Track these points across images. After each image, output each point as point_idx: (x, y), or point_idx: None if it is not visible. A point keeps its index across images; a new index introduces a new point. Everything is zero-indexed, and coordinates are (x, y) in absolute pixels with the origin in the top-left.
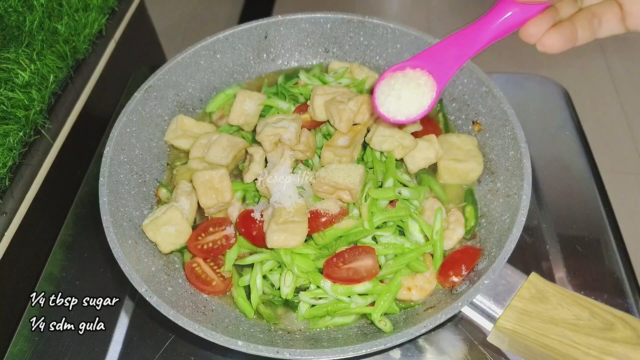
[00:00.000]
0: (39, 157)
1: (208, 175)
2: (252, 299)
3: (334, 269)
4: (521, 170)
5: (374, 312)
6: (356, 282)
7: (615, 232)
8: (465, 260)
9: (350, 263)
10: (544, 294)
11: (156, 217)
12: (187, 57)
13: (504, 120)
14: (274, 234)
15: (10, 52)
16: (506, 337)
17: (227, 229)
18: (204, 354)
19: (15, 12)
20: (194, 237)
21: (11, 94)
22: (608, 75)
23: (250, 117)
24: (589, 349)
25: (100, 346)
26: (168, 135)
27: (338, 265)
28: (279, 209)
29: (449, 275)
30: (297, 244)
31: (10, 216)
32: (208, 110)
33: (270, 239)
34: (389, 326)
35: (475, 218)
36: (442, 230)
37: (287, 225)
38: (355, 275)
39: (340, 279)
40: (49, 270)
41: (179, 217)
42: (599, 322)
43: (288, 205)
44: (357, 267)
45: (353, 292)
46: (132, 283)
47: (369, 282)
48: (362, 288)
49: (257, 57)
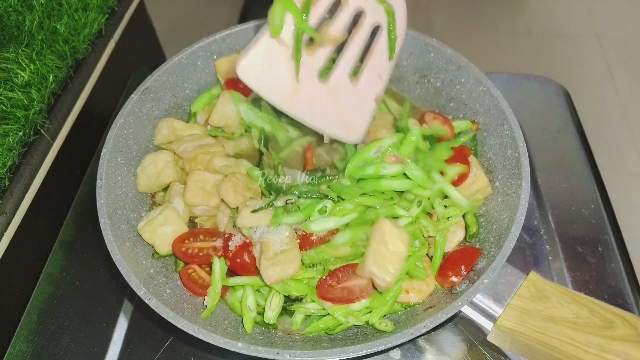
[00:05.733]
0: (38, 157)
1: (203, 176)
2: (245, 321)
3: (328, 289)
4: (519, 169)
5: (371, 319)
6: (351, 302)
7: (615, 232)
8: (464, 260)
9: (344, 282)
10: (544, 292)
11: (152, 219)
12: (183, 58)
13: (502, 119)
14: (268, 270)
15: (10, 52)
16: (506, 336)
17: (217, 241)
18: (203, 355)
19: (15, 11)
20: (181, 239)
21: (11, 93)
22: (608, 75)
23: (231, 120)
24: (589, 347)
25: (100, 346)
26: (158, 139)
27: (332, 285)
28: (265, 242)
29: (448, 276)
30: (294, 272)
31: (10, 216)
32: (193, 109)
33: (267, 275)
34: (390, 326)
35: (477, 224)
36: (446, 233)
37: (278, 257)
38: (350, 295)
39: (335, 299)
40: (48, 270)
41: (175, 216)
42: (599, 320)
43: (273, 238)
44: (351, 286)
45: (350, 312)
46: (131, 285)
47: (365, 299)
48: (359, 306)
49: None
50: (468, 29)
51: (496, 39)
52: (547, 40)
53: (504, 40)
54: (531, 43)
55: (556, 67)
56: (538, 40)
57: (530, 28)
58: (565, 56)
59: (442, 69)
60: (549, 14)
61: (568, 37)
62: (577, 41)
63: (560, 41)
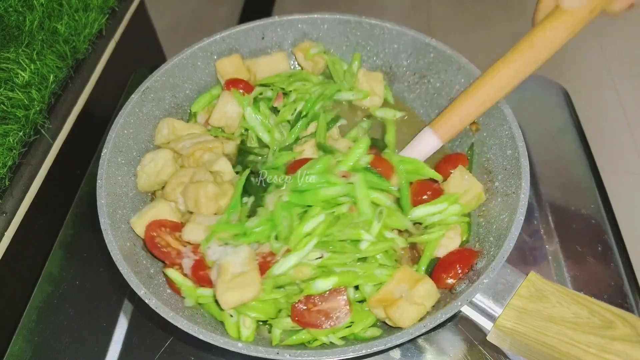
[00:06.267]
0: (38, 157)
1: (189, 172)
2: (228, 326)
3: (302, 313)
4: (519, 169)
5: (354, 329)
6: (328, 326)
7: (615, 232)
8: (460, 261)
9: (321, 305)
10: (543, 292)
11: (144, 212)
12: (184, 58)
13: (502, 119)
14: (225, 295)
15: (10, 52)
16: (506, 336)
17: (187, 247)
18: (203, 355)
19: (15, 12)
20: (158, 224)
21: (11, 93)
22: (608, 75)
23: (231, 120)
24: (589, 347)
25: (100, 346)
26: (158, 139)
27: (308, 308)
28: (223, 265)
29: (442, 278)
30: (253, 295)
31: (10, 216)
32: (193, 110)
33: (225, 301)
34: (378, 331)
35: (468, 232)
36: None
37: (236, 279)
38: (327, 318)
39: (311, 324)
40: (49, 270)
41: (167, 210)
42: (598, 320)
43: (232, 259)
44: (327, 309)
45: (332, 331)
46: (131, 285)
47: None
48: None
49: (255, 58)
50: (468, 29)
51: (496, 39)
52: None
53: (504, 40)
54: None
55: (556, 67)
56: None
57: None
58: (565, 56)
59: (442, 69)
60: None
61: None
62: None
63: None
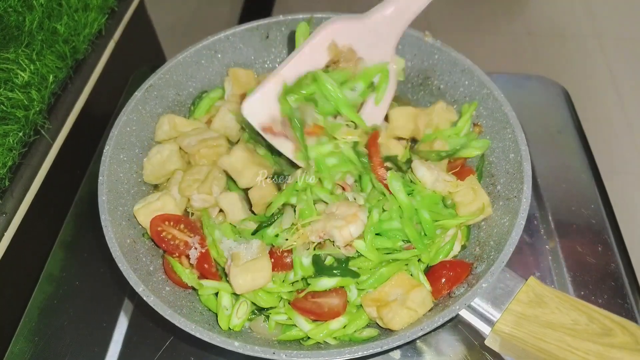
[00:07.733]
0: (38, 157)
1: (200, 168)
2: (220, 319)
3: (299, 300)
4: (521, 174)
5: (348, 330)
6: (318, 317)
7: (615, 232)
8: (451, 273)
9: (318, 298)
10: (542, 298)
11: (149, 202)
12: (188, 56)
13: (505, 122)
14: (238, 277)
15: (10, 52)
16: (504, 341)
17: (195, 238)
18: (203, 355)
19: (15, 12)
20: (162, 218)
21: (11, 94)
22: (608, 76)
23: (230, 130)
24: (587, 354)
25: (100, 346)
26: (159, 135)
27: (306, 297)
28: (236, 253)
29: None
30: (265, 281)
31: (10, 216)
32: (195, 116)
33: (237, 284)
34: (375, 332)
35: (466, 238)
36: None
37: (248, 265)
38: (318, 309)
39: (304, 309)
40: (49, 270)
41: (172, 205)
42: (597, 327)
43: (242, 247)
44: (321, 302)
45: (330, 333)
46: (130, 282)
47: (343, 317)
48: (338, 324)
49: (258, 57)
50: (468, 29)
51: (496, 40)
52: (547, 40)
53: (504, 40)
54: (531, 43)
55: (556, 67)
56: (538, 41)
57: (530, 28)
58: (565, 56)
59: (446, 71)
60: (549, 14)
61: (568, 37)
62: (577, 41)
63: (560, 41)
